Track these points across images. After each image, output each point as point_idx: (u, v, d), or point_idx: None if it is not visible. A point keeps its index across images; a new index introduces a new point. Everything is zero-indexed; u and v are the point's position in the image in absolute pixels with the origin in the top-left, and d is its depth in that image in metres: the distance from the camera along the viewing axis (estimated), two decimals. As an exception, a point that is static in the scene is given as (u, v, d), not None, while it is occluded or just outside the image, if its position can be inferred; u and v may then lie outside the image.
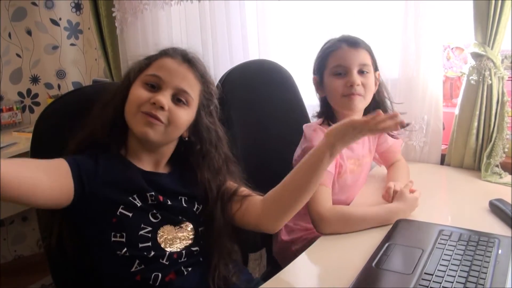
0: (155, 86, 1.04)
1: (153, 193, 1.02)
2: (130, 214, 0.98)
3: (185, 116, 1.06)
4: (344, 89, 1.30)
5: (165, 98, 1.02)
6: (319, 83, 1.39)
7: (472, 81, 1.45)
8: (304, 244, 1.31)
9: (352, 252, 1.11)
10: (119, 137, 1.06)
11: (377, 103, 1.38)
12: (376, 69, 1.37)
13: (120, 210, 0.97)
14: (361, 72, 1.32)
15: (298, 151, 1.39)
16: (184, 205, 1.07)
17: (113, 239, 0.97)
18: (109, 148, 1.05)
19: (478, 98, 1.46)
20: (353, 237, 1.15)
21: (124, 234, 0.97)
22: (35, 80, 2.58)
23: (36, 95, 2.60)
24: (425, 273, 0.91)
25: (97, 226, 0.97)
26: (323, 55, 1.37)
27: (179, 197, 1.08)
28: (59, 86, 2.58)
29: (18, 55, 2.51)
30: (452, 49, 1.72)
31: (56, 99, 1.22)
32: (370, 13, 1.58)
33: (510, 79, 1.51)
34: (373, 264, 0.96)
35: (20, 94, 2.55)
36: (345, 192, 1.36)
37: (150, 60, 1.09)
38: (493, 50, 1.41)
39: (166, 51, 1.10)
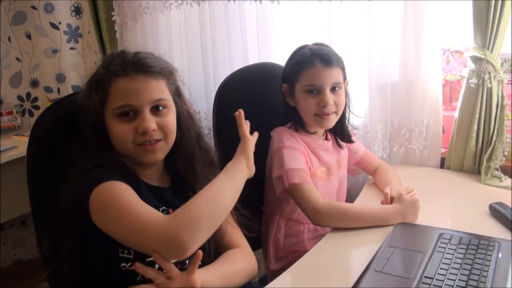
0: (130, 113, 1.01)
1: (164, 207, 1.03)
2: None
3: (172, 118, 1.06)
4: (317, 108, 1.34)
5: (150, 121, 1.00)
6: (290, 92, 1.40)
7: (471, 85, 1.45)
8: None
9: (352, 255, 1.11)
10: (117, 161, 1.04)
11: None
12: (345, 78, 1.39)
13: None
14: (333, 89, 1.34)
15: (269, 157, 1.40)
16: None
17: (120, 254, 0.97)
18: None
19: (477, 102, 1.46)
20: (353, 240, 1.15)
21: (132, 251, 0.97)
22: (34, 84, 2.58)
23: (35, 99, 2.60)
24: (425, 277, 0.91)
25: (104, 241, 0.96)
26: (296, 69, 1.37)
27: None
28: (58, 90, 2.57)
29: (17, 59, 2.51)
30: (451, 52, 1.72)
31: (52, 104, 1.22)
32: (369, 16, 1.57)
33: (510, 82, 1.51)
34: (373, 267, 0.96)
35: (19, 97, 2.55)
36: None
37: (103, 87, 1.02)
38: (492, 53, 1.41)
39: (113, 70, 1.02)
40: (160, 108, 1.04)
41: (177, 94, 1.11)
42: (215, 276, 1.01)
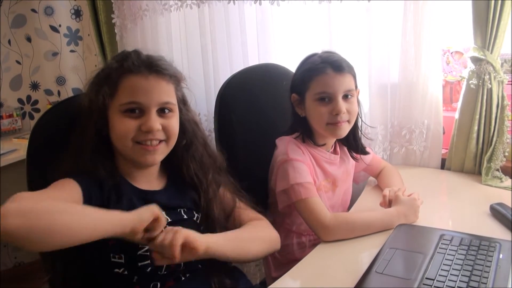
0: (136, 110, 1.02)
1: None
2: None
3: (175, 122, 1.07)
4: (330, 117, 1.28)
5: (155, 121, 1.01)
6: (299, 102, 1.35)
7: (471, 85, 1.45)
8: None
9: (353, 257, 1.11)
10: (106, 160, 1.04)
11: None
12: (356, 86, 1.35)
13: None
14: (345, 97, 1.29)
15: (272, 166, 1.37)
16: (184, 216, 1.07)
17: (112, 259, 0.97)
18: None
19: (478, 102, 1.46)
20: (354, 242, 1.15)
21: (123, 256, 0.97)
22: (35, 86, 2.59)
23: (36, 102, 2.60)
24: (426, 278, 0.91)
25: (94, 247, 0.96)
26: (306, 77, 1.32)
27: (178, 210, 1.07)
28: (59, 93, 2.58)
29: (18, 62, 2.52)
30: (451, 53, 1.72)
31: (52, 107, 1.22)
32: (369, 17, 1.57)
33: (510, 83, 1.50)
34: (374, 269, 0.96)
35: (20, 100, 2.56)
36: None
37: (114, 81, 1.03)
38: (492, 54, 1.41)
39: (127, 66, 1.03)
40: (166, 111, 1.04)
41: (182, 101, 1.12)
42: (223, 238, 1.02)
